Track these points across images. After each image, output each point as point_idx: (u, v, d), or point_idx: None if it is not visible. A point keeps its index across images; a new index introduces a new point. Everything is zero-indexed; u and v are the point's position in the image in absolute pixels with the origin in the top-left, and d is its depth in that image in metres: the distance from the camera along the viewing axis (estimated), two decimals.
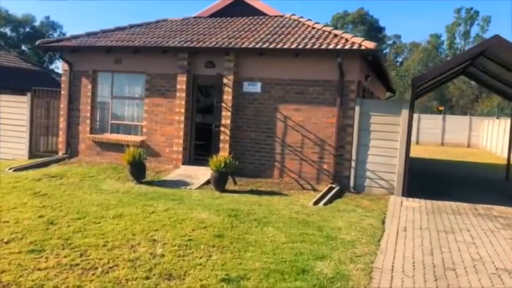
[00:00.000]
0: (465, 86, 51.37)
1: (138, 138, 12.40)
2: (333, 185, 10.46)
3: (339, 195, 10.08)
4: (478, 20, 61.71)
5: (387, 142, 10.36)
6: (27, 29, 56.14)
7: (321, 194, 9.83)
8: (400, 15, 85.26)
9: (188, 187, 10.32)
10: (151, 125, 12.24)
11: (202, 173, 11.28)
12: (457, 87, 52.19)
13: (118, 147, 12.20)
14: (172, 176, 11.21)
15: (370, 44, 10.11)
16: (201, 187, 10.39)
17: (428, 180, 13.26)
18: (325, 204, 9.21)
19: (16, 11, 78.01)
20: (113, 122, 12.91)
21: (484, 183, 13.91)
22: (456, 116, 35.66)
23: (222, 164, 9.93)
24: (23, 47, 55.17)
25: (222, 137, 11.39)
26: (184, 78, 11.69)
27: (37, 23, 57.46)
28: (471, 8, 61.66)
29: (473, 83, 47.08)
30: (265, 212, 8.38)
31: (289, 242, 6.67)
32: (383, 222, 7.99)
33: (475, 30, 63.98)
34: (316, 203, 9.23)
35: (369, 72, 12.32)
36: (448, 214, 8.84)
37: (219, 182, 10.07)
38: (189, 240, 6.66)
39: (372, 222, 7.89)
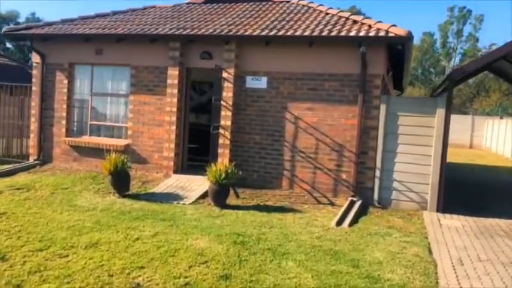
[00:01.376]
0: (462, 85, 50.12)
1: (121, 142, 10.62)
2: (354, 198, 8.79)
3: (362, 211, 8.41)
4: (471, 19, 60.76)
5: (418, 148, 8.71)
6: (11, 26, 53.74)
7: (342, 210, 8.14)
8: (392, 13, 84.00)
9: (181, 202, 8.58)
10: (138, 126, 10.47)
11: (198, 183, 9.55)
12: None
13: (99, 152, 10.42)
14: (162, 187, 9.45)
15: (400, 31, 8.44)
16: (196, 202, 8.65)
17: (455, 187, 11.65)
18: (351, 224, 7.53)
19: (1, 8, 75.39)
20: (92, 123, 11.11)
21: None
22: (458, 116, 34.22)
23: (223, 175, 8.21)
24: (8, 44, 52.94)
25: (221, 140, 9.66)
26: (176, 72, 9.94)
27: (22, 19, 55.25)
28: (464, 7, 60.70)
29: (470, 81, 45.94)
30: (279, 237, 6.68)
31: (320, 286, 4.97)
32: (430, 251, 6.32)
33: (467, 29, 63.03)
34: (339, 223, 7.55)
35: (389, 66, 10.68)
36: (502, 237, 7.21)
37: (219, 196, 8.35)
38: (186, 284, 4.96)
39: (418, 252, 6.23)
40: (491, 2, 74.28)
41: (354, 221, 7.75)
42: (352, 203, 8.63)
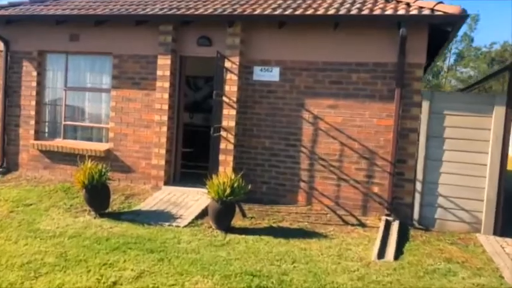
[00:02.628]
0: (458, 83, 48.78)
1: (102, 147, 8.80)
2: (389, 218, 7.06)
3: (403, 235, 6.67)
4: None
5: (470, 155, 7.00)
6: None
7: (379, 236, 6.41)
8: None
9: (174, 223, 6.78)
10: (121, 127, 8.65)
11: (194, 198, 7.76)
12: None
13: (74, 158, 8.59)
14: (150, 203, 7.63)
15: (450, 8, 6.73)
16: (193, 223, 6.86)
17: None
18: (396, 256, 5.81)
19: None
20: (67, 123, 9.27)
21: None
22: None
23: (228, 190, 6.42)
24: None
25: (222, 145, 7.86)
26: (168, 61, 8.13)
27: None
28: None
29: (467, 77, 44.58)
30: (307, 278, 4.95)
31: None
32: None
33: (462, 28, 61.67)
34: (380, 254, 5.82)
35: None
36: None
37: (223, 217, 6.57)
38: None
39: None
40: (488, 2, 73.15)
41: (399, 250, 6.01)
42: (388, 224, 6.90)
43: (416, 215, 7.19)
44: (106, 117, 8.98)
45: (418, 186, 7.18)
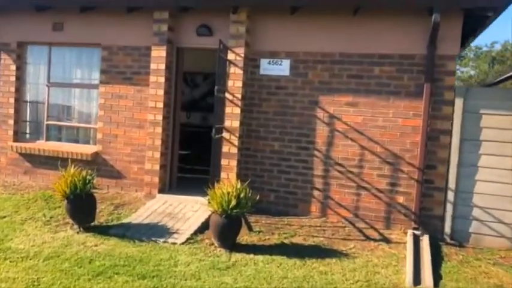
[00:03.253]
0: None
1: (88, 149, 7.83)
2: (417, 232, 6.15)
3: (435, 252, 5.75)
4: None
5: (511, 161, 6.09)
6: None
7: (410, 254, 5.49)
8: None
9: (170, 239, 5.83)
10: (110, 127, 7.69)
11: (193, 208, 6.82)
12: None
13: (58, 162, 7.62)
14: (142, 214, 6.67)
15: None
16: (192, 239, 5.91)
17: None
18: (436, 282, 4.87)
19: None
20: (50, 123, 8.29)
21: None
22: None
23: (233, 202, 5.46)
24: None
25: (225, 148, 6.91)
26: (163, 53, 7.17)
27: None
28: None
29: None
30: None
31: None
32: None
33: None
34: (416, 279, 4.88)
35: None
36: None
37: (227, 232, 5.62)
38: None
39: None
40: None
41: (435, 273, 5.09)
42: (416, 240, 5.98)
43: (447, 229, 6.27)
44: (94, 117, 8.01)
45: (450, 195, 6.26)
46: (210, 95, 11.28)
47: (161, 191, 7.36)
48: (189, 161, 9.52)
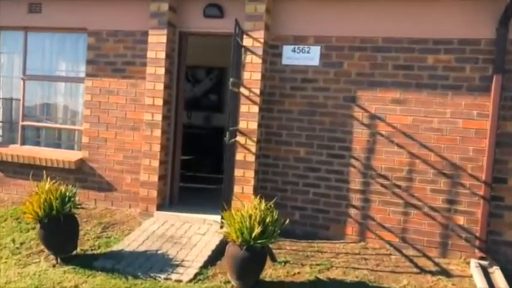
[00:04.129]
0: None
1: (72, 156, 6.50)
2: (483, 261, 4.86)
3: None
4: None
5: None
6: None
7: None
8: None
9: (173, 275, 4.51)
10: (98, 129, 6.36)
11: (199, 229, 5.51)
12: None
13: (35, 171, 6.29)
14: (137, 238, 5.33)
15: None
16: (202, 274, 4.59)
17: None
18: None
19: None
20: (26, 124, 6.94)
21: None
22: None
23: (257, 229, 4.13)
24: None
25: (240, 155, 5.59)
26: (164, 39, 5.84)
27: None
28: None
29: None
30: None
31: None
32: None
33: None
34: None
35: None
36: None
37: (249, 269, 4.30)
38: None
39: None
40: None
41: None
42: (485, 273, 4.70)
43: None
44: (79, 116, 6.68)
45: None
46: (213, 92, 10.01)
47: (160, 207, 6.02)
48: (190, 167, 8.24)
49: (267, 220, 4.24)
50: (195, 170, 8.80)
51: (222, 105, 10.00)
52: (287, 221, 4.59)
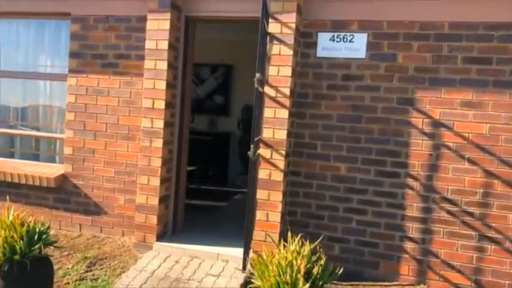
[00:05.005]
0: None
1: (52, 171, 5.27)
2: None
3: None
4: None
5: None
6: None
7: None
8: None
9: None
10: (84, 139, 5.13)
11: (211, 269, 4.28)
12: None
13: (7, 189, 5.06)
14: (131, 283, 4.08)
15: None
16: None
17: None
18: None
19: None
20: None
21: None
22: None
23: (302, 285, 2.89)
24: None
25: (263, 173, 4.35)
26: (166, 25, 4.61)
27: None
28: None
29: None
30: None
31: None
32: None
33: None
34: None
35: None
36: None
37: None
38: None
39: None
40: None
41: None
42: None
43: None
44: (59, 122, 5.46)
45: None
46: (218, 93, 8.83)
47: (161, 236, 4.79)
48: (193, 179, 7.10)
49: (314, 271, 3.02)
50: (198, 182, 7.64)
51: (229, 108, 8.85)
52: (340, 270, 3.34)
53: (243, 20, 4.57)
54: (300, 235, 3.47)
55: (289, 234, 3.47)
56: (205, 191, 7.61)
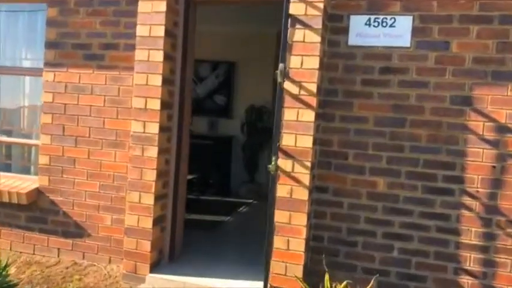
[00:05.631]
0: None
1: (25, 184, 4.37)
2: None
3: None
4: None
5: None
6: None
7: None
8: None
9: None
10: (63, 146, 4.25)
11: None
12: None
13: None
14: None
15: None
16: None
17: None
18: None
19: None
20: None
21: None
22: None
23: None
24: None
25: (283, 189, 3.48)
26: (162, 8, 3.75)
27: None
28: None
29: None
30: None
31: None
32: None
33: None
34: None
35: None
36: None
37: None
38: None
39: None
40: None
41: None
42: None
43: None
44: (33, 126, 4.58)
45: None
46: (219, 93, 7.99)
47: (155, 265, 3.92)
48: (192, 189, 6.26)
49: None
50: (198, 192, 6.80)
51: (231, 109, 8.02)
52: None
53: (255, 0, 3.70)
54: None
55: (327, 277, 2.59)
56: (206, 202, 6.77)
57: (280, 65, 2.83)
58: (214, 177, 7.71)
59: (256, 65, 7.49)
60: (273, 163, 2.89)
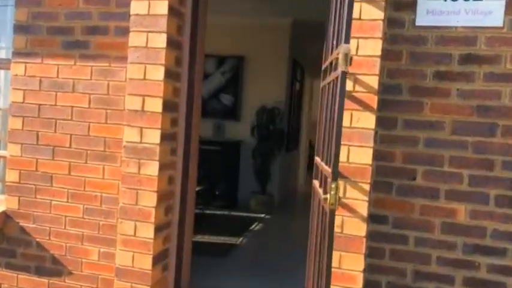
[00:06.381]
0: None
1: None
2: None
3: None
4: None
5: None
6: None
7: None
8: None
9: None
10: (36, 158, 3.30)
11: None
12: None
13: None
14: None
15: None
16: None
17: None
18: None
19: None
20: None
21: None
22: None
23: None
24: None
25: (335, 224, 2.50)
26: None
27: None
28: None
29: None
30: None
31: None
32: None
33: None
34: None
35: None
36: None
37: None
38: None
39: None
40: None
41: None
42: None
43: None
44: (4, 132, 3.64)
45: None
46: (226, 91, 7.08)
47: None
48: (196, 202, 5.30)
49: None
50: (204, 204, 5.90)
51: (239, 110, 7.13)
52: None
53: None
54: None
55: None
56: (212, 218, 5.87)
57: (344, 47, 1.89)
58: (220, 188, 6.83)
59: (268, 60, 6.73)
60: (332, 192, 1.95)
